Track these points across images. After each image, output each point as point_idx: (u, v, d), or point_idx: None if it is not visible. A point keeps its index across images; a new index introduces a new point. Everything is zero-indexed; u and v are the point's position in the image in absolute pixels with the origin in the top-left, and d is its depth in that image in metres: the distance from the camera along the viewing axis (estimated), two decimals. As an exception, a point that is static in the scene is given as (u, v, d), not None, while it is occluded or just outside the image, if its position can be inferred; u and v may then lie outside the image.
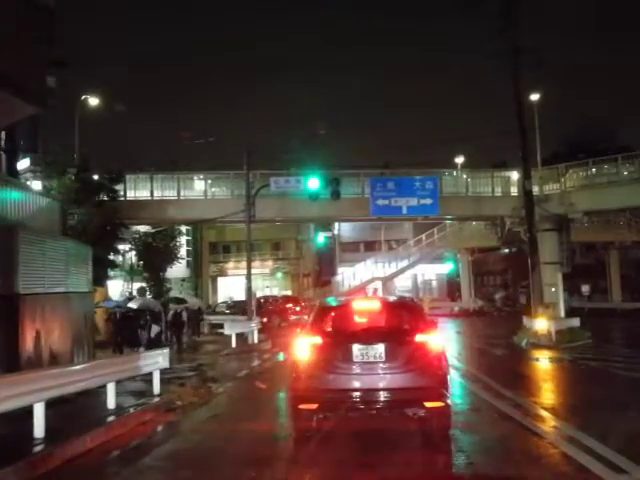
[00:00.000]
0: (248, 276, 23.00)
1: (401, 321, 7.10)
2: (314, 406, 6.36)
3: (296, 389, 6.59)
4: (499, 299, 42.67)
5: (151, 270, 42.08)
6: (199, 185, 25.32)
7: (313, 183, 20.57)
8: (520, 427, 7.51)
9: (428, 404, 6.33)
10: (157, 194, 24.31)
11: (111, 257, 22.79)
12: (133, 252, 41.66)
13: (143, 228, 40.73)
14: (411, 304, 7.78)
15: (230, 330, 20.03)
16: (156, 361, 9.98)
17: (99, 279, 21.10)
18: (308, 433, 6.58)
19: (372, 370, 6.42)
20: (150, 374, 9.97)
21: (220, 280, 53.97)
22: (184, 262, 50.92)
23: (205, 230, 53.78)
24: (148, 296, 22.60)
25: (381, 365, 6.42)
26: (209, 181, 25.83)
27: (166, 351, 10.48)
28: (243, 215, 22.28)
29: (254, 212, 22.14)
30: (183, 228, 49.74)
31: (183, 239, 50.02)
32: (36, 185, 17.95)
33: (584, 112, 53.10)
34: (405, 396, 6.35)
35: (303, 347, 6.60)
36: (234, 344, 19.50)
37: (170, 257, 43.20)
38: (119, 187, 23.05)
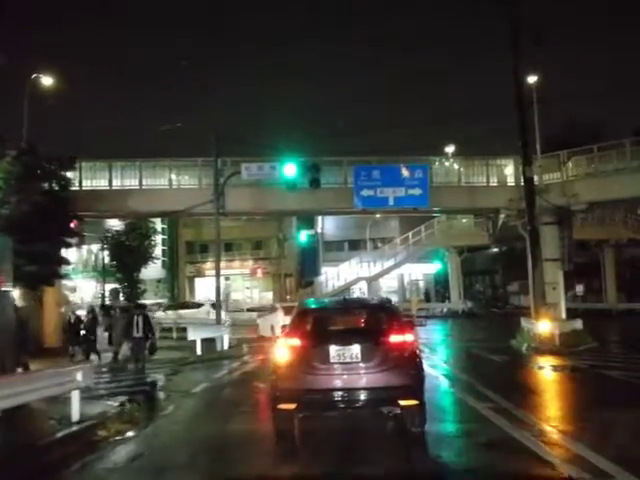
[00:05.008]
0: (217, 274, 20.70)
1: (377, 323, 7.18)
2: (293, 406, 6.40)
3: (276, 390, 6.63)
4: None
5: (124, 270, 39.75)
6: (164, 174, 22.61)
7: (290, 170, 18.46)
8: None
9: (403, 402, 6.44)
10: (117, 183, 21.72)
11: (63, 253, 20.34)
12: (106, 252, 39.34)
13: (112, 222, 38.35)
14: (388, 306, 7.74)
15: (194, 335, 17.72)
16: (71, 379, 7.65)
17: (47, 277, 18.80)
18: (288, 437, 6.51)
19: (349, 370, 6.53)
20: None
21: (197, 281, 51.45)
22: (159, 262, 48.49)
23: (181, 228, 51.42)
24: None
25: (357, 365, 6.54)
26: (183, 173, 22.96)
27: (87, 366, 8.15)
28: (212, 206, 19.94)
29: (224, 203, 19.86)
30: (158, 226, 47.41)
31: (158, 238, 47.66)
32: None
33: (571, 110, 51.39)
34: (381, 395, 6.49)
35: (282, 349, 6.71)
36: (199, 351, 17.26)
37: (144, 257, 40.95)
38: (74, 175, 20.53)
